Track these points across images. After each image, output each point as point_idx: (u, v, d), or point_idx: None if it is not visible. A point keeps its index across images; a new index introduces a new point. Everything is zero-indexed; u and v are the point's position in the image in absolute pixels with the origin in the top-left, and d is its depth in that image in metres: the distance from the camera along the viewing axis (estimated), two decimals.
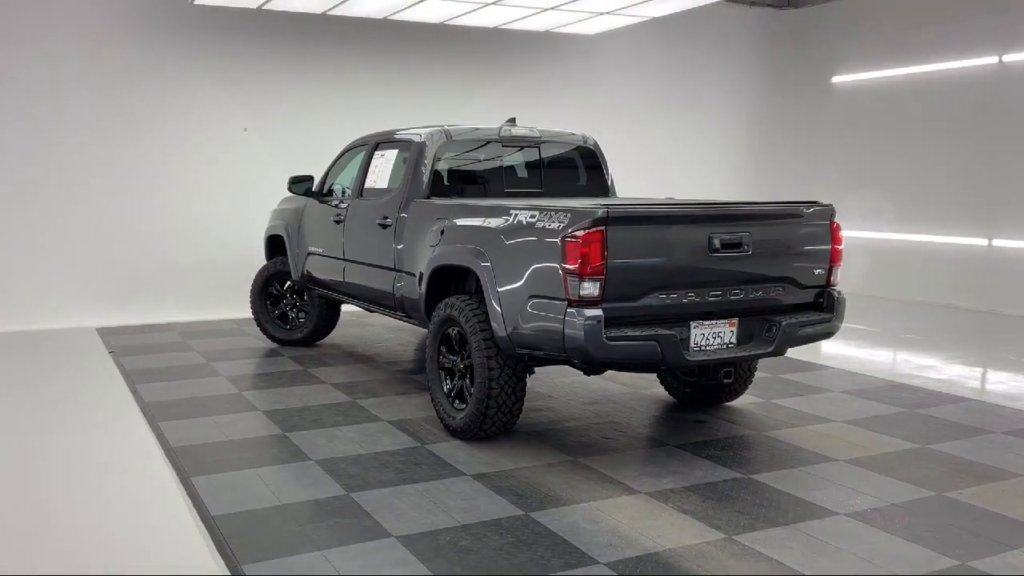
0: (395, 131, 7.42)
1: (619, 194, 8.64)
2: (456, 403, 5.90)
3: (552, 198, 6.93)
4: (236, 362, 8.22)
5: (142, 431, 6.08)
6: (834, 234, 5.73)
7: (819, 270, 5.69)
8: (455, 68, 11.77)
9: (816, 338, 5.74)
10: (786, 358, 7.99)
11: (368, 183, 7.42)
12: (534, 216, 5.24)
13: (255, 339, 9.22)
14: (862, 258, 12.97)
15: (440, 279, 6.15)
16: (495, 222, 5.55)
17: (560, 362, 5.47)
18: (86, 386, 7.50)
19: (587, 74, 12.73)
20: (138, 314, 10.34)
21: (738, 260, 5.30)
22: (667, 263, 5.15)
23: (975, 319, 11.16)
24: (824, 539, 4.28)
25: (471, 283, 5.94)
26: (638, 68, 13.16)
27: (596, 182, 7.50)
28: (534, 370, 5.91)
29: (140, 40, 10.22)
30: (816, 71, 13.80)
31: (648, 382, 7.26)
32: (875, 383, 7.56)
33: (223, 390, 7.18)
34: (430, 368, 6.13)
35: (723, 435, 5.98)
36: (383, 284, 6.93)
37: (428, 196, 6.65)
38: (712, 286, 5.27)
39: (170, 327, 10.04)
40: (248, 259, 9.84)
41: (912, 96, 12.40)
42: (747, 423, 6.28)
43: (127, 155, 10.27)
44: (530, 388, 7.17)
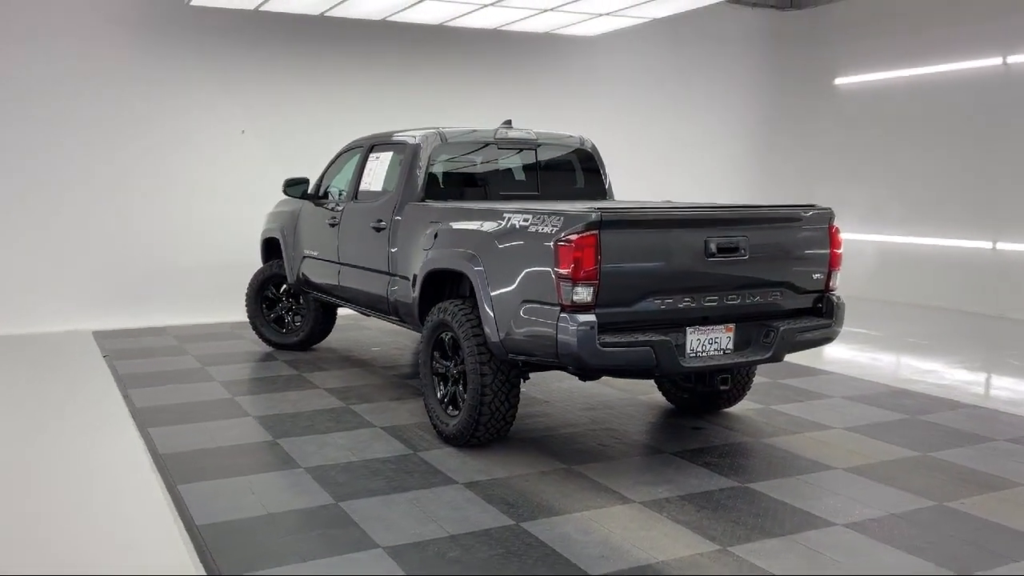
0: (390, 133, 7.34)
1: (618, 197, 8.55)
2: (449, 409, 5.81)
3: (548, 201, 6.84)
4: (231, 366, 8.14)
5: (131, 437, 6.00)
6: (833, 238, 5.62)
7: (818, 274, 5.59)
8: (455, 70, 11.69)
9: (815, 344, 5.64)
10: (786, 363, 7.89)
11: (363, 186, 7.34)
12: (527, 220, 5.15)
13: (251, 343, 9.14)
14: (866, 261, 12.87)
15: (434, 283, 6.06)
16: (488, 225, 5.47)
17: (554, 368, 5.38)
18: (77, 390, 7.43)
19: (588, 76, 12.64)
20: (135, 317, 10.26)
21: (735, 264, 5.20)
22: (662, 268, 5.05)
23: (979, 323, 11.04)
24: (821, 551, 4.18)
25: (465, 287, 5.85)
26: (639, 70, 13.07)
27: (593, 185, 7.41)
28: (529, 376, 5.82)
29: (136, 42, 10.16)
30: (819, 73, 13.69)
31: (646, 387, 7.16)
32: (877, 389, 7.45)
33: (216, 395, 7.10)
34: (423, 373, 6.04)
35: (720, 442, 5.88)
36: (377, 288, 6.84)
37: (422, 199, 6.57)
38: (708, 291, 5.17)
39: (166, 330, 9.97)
40: (246, 262, 9.74)
41: (915, 98, 12.28)
42: (745, 430, 6.18)
43: (124, 157, 10.21)
44: (526, 393, 7.08)
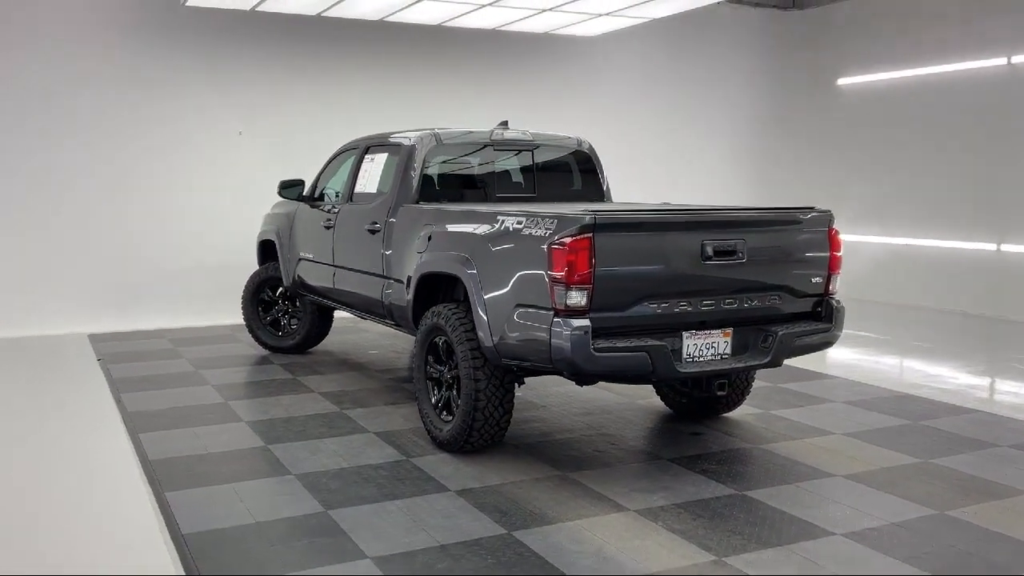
0: (385, 134, 7.26)
1: (617, 199, 8.46)
2: (443, 415, 5.73)
3: (545, 203, 6.76)
4: (225, 370, 8.07)
5: (121, 442, 5.91)
6: (833, 241, 5.52)
7: (817, 278, 5.49)
8: (453, 71, 11.60)
9: (814, 348, 5.54)
10: (787, 367, 7.80)
11: (358, 188, 7.26)
12: (520, 222, 5.06)
13: (247, 346, 9.07)
14: (869, 263, 12.76)
15: (428, 286, 5.98)
16: (482, 228, 5.38)
17: (548, 373, 5.29)
18: (70, 394, 7.35)
19: (588, 77, 12.54)
20: (131, 320, 10.19)
21: (732, 268, 5.11)
22: (658, 271, 4.96)
23: (984, 325, 10.93)
24: (819, 561, 4.09)
25: (460, 291, 5.76)
26: (640, 71, 12.97)
27: (591, 186, 7.32)
28: (524, 381, 5.73)
29: (133, 43, 10.09)
30: (822, 73, 13.58)
31: (644, 392, 7.07)
32: (879, 393, 7.35)
33: (209, 399, 7.02)
34: (417, 378, 5.96)
35: (718, 448, 5.79)
36: (372, 291, 6.76)
37: (417, 201, 6.49)
38: (705, 295, 5.08)
39: (162, 333, 9.90)
40: (243, 264, 9.64)
41: (919, 98, 12.17)
42: (744, 435, 6.09)
43: (121, 158, 10.14)
44: (522, 398, 7.00)
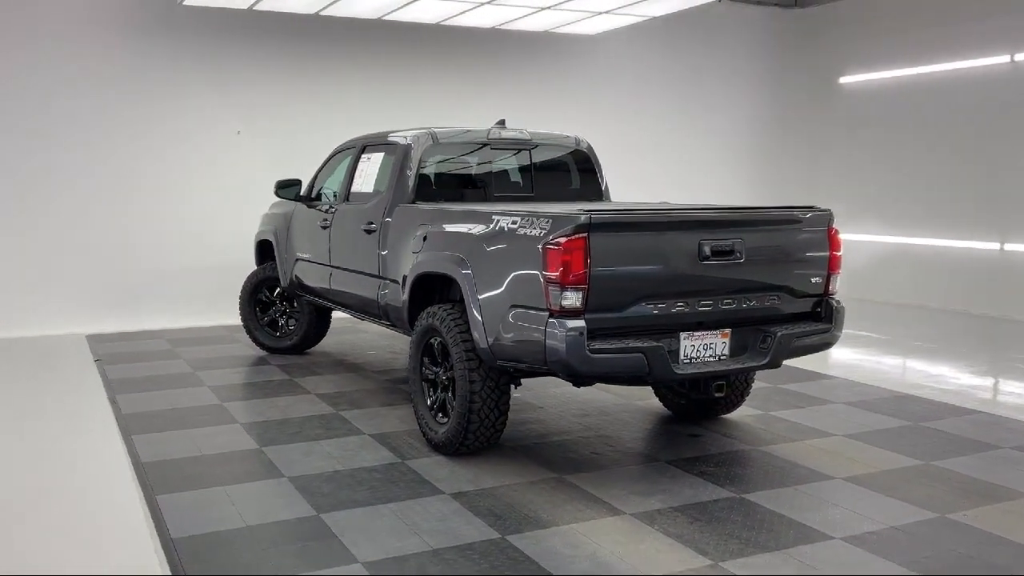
0: (381, 134, 7.21)
1: (617, 198, 8.40)
2: (439, 416, 5.67)
3: (543, 202, 6.70)
4: (222, 371, 8.02)
5: (114, 444, 5.86)
6: (832, 240, 5.45)
7: (816, 278, 5.42)
8: (452, 69, 11.54)
9: (813, 349, 5.48)
10: (788, 368, 7.73)
11: (354, 187, 7.20)
12: (515, 222, 5.00)
13: (245, 347, 9.02)
14: (871, 262, 12.69)
15: (423, 287, 5.92)
16: (477, 228, 5.32)
17: (544, 374, 5.24)
18: (65, 396, 7.30)
19: (588, 76, 12.47)
20: (130, 321, 10.15)
21: (730, 268, 5.05)
22: (654, 271, 4.90)
23: (987, 325, 10.85)
24: (817, 566, 4.02)
25: (456, 292, 5.70)
26: (641, 69, 12.89)
27: (589, 186, 7.26)
28: (520, 382, 5.67)
29: (130, 43, 10.05)
30: (823, 72, 13.50)
31: (643, 393, 7.00)
32: (880, 394, 7.28)
33: (204, 401, 6.97)
34: (412, 380, 5.90)
35: (717, 450, 5.72)
36: (368, 291, 6.71)
37: (413, 200, 6.43)
38: (703, 295, 5.02)
39: (160, 334, 9.85)
40: (242, 264, 9.57)
41: (922, 97, 12.09)
42: (743, 437, 6.02)
43: (120, 159, 10.11)
44: (520, 399, 6.95)
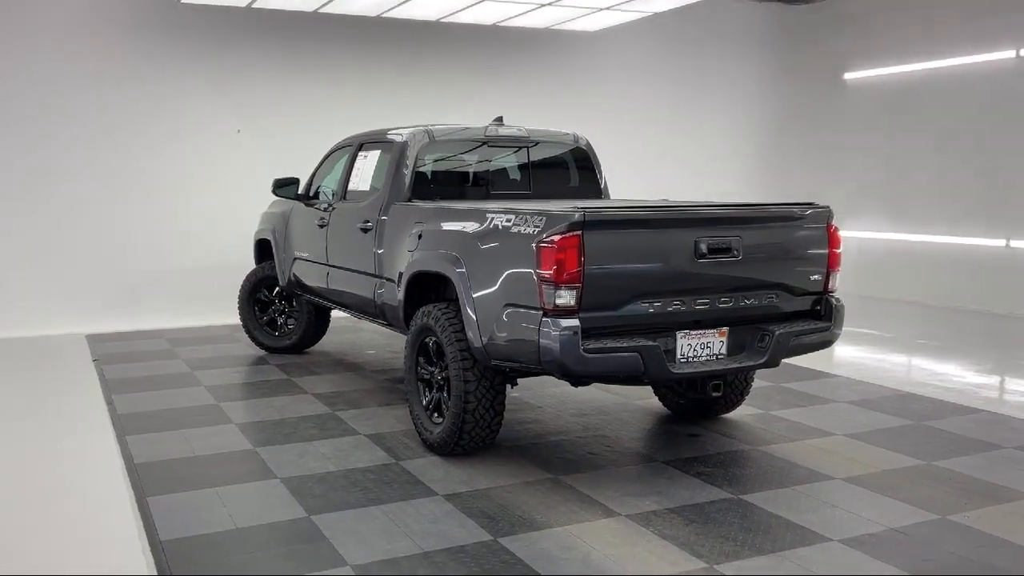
0: (378, 131, 7.15)
1: (619, 196, 8.35)
2: (434, 416, 5.61)
3: (541, 200, 6.63)
4: (220, 371, 7.97)
5: (108, 445, 5.82)
6: (832, 237, 5.37)
7: (816, 276, 5.34)
8: (453, 67, 11.48)
9: (813, 348, 5.39)
10: (789, 366, 7.68)
11: (351, 185, 7.15)
12: (509, 220, 4.94)
13: (245, 346, 8.97)
14: (875, 260, 12.59)
15: (419, 286, 5.86)
16: (471, 226, 5.26)
17: (539, 374, 5.17)
18: (61, 396, 7.27)
19: (590, 73, 12.38)
20: (130, 320, 10.12)
21: (727, 266, 4.97)
22: (650, 269, 4.83)
23: (993, 323, 10.74)
24: (813, 569, 3.95)
25: (451, 291, 5.64)
26: (643, 66, 12.80)
27: (588, 183, 7.19)
28: (517, 382, 5.61)
29: (128, 41, 10.01)
30: (827, 67, 13.39)
31: (642, 392, 6.93)
32: (882, 393, 7.19)
33: (201, 401, 6.92)
34: (408, 379, 5.85)
35: (715, 450, 5.65)
36: (364, 290, 6.65)
37: (409, 199, 6.37)
38: (699, 294, 4.94)
39: (160, 334, 9.81)
40: (243, 263, 9.52)
41: (927, 92, 11.97)
42: (743, 437, 5.95)
43: (119, 158, 10.07)
44: (519, 399, 6.89)
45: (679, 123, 13.10)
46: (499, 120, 7.01)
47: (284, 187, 7.84)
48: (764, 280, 5.15)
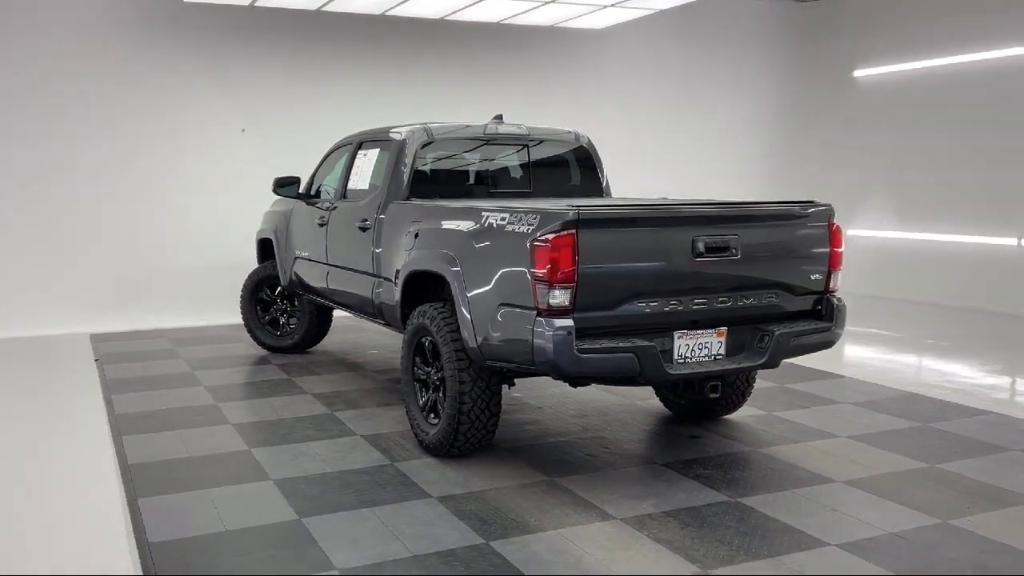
0: (377, 130, 7.10)
1: (621, 194, 8.26)
2: (430, 417, 5.55)
3: (541, 198, 6.57)
4: (221, 371, 7.94)
5: (103, 445, 5.79)
6: (833, 236, 5.27)
7: (817, 275, 5.25)
8: (457, 65, 11.41)
9: (813, 348, 5.30)
10: (795, 367, 7.60)
11: (351, 184, 7.11)
12: (504, 218, 4.87)
13: (247, 346, 8.94)
14: (885, 259, 12.46)
15: (416, 285, 5.80)
16: (466, 225, 5.20)
17: (534, 375, 5.11)
18: (60, 395, 7.25)
19: (596, 71, 12.30)
20: (134, 320, 10.11)
21: (725, 265, 4.89)
22: (646, 269, 4.75)
23: (1004, 323, 10.59)
24: (809, 574, 3.87)
25: (448, 290, 5.58)
26: (650, 64, 12.69)
27: (589, 182, 7.11)
28: (514, 382, 5.56)
29: (132, 40, 10.00)
30: (837, 65, 13.25)
31: (643, 393, 6.86)
32: (889, 394, 7.09)
33: (199, 401, 6.89)
34: (404, 380, 5.79)
35: (715, 452, 5.57)
36: (363, 290, 6.60)
37: (407, 197, 6.31)
38: (697, 293, 4.86)
39: (164, 333, 9.80)
40: (247, 262, 9.47)
41: (938, 90, 11.83)
42: (744, 438, 5.86)
43: (123, 156, 10.06)
44: (519, 399, 6.83)
45: (686, 121, 12.99)
46: (499, 118, 6.94)
47: (285, 186, 7.80)
48: (763, 279, 5.07)
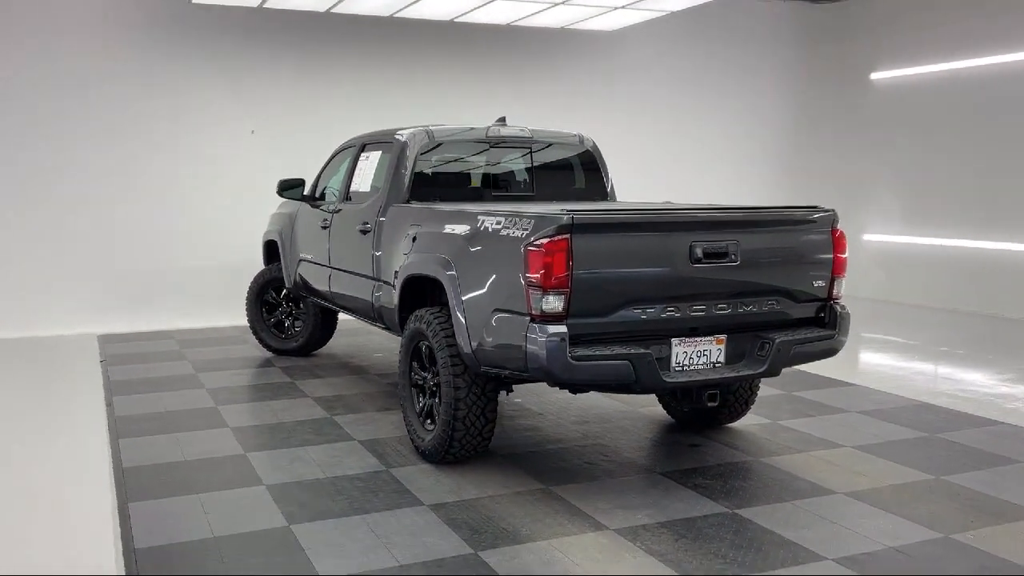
0: (380, 132, 7.06)
1: (631, 198, 8.18)
2: (426, 423, 5.49)
3: (543, 202, 6.50)
4: (224, 373, 7.91)
5: (100, 447, 5.77)
6: (837, 243, 5.17)
7: (819, 282, 5.14)
8: (467, 67, 11.36)
9: (816, 357, 5.20)
10: (803, 374, 7.50)
11: (353, 186, 7.06)
12: (499, 223, 4.81)
13: (253, 348, 8.92)
14: (903, 265, 12.30)
15: (414, 289, 5.74)
16: (461, 228, 5.14)
17: (529, 381, 5.03)
18: (62, 397, 7.25)
19: (607, 74, 12.20)
20: (143, 321, 10.12)
21: (724, 271, 4.80)
22: (642, 274, 4.67)
23: (1022, 331, 10.40)
24: None
25: (446, 295, 5.52)
26: (661, 67, 12.58)
27: (594, 185, 7.03)
28: (512, 388, 5.48)
29: (140, 40, 10.01)
30: (853, 67, 13.08)
31: (646, 400, 6.75)
32: (898, 402, 6.96)
33: (200, 404, 6.86)
34: (402, 385, 5.73)
35: (716, 461, 5.47)
36: (364, 293, 6.55)
37: (408, 200, 6.26)
38: (695, 300, 4.77)
39: (171, 334, 9.80)
40: (255, 264, 9.45)
41: (957, 93, 11.63)
42: (746, 448, 5.76)
43: (132, 158, 10.07)
44: (520, 405, 6.76)
45: (699, 125, 12.86)
46: (502, 120, 6.88)
47: (289, 189, 7.75)
48: (764, 286, 4.97)
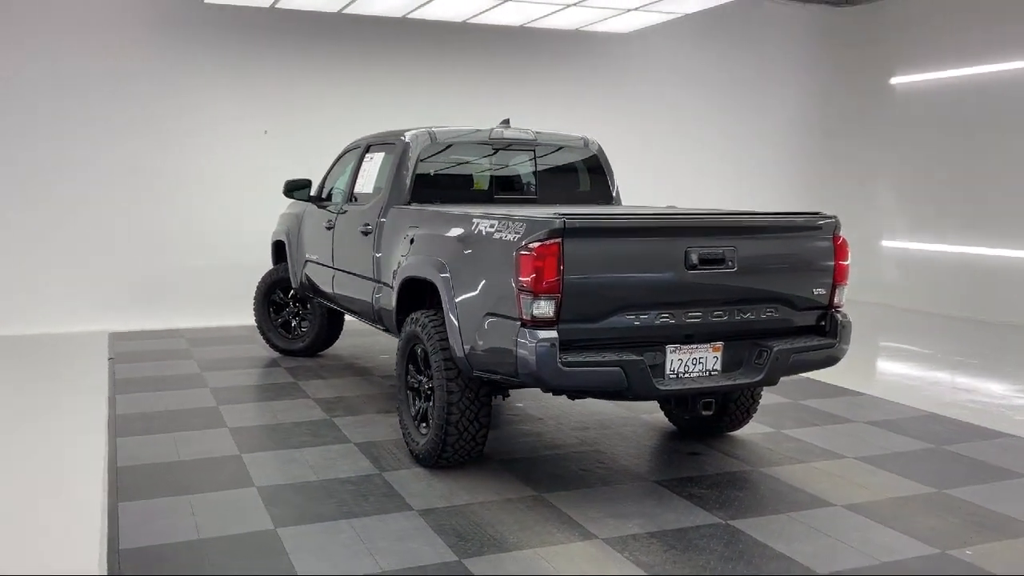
0: (385, 133, 7.03)
1: (640, 202, 8.13)
2: (421, 427, 5.45)
3: (547, 205, 6.45)
4: (229, 372, 7.92)
5: (97, 446, 5.77)
6: (839, 249, 5.07)
7: (820, 289, 5.05)
8: (479, 69, 11.31)
9: (815, 366, 5.10)
10: (811, 382, 7.40)
11: (357, 187, 7.04)
12: (492, 226, 4.75)
13: (260, 348, 8.92)
14: (923, 272, 12.12)
15: (411, 292, 5.70)
16: (457, 231, 5.09)
17: (520, 386, 4.98)
18: (66, 394, 7.27)
19: (621, 76, 12.10)
20: (154, 319, 10.15)
21: (721, 277, 4.72)
22: (635, 280, 4.60)
23: None
24: None
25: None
26: (677, 70, 12.47)
27: (598, 188, 6.96)
28: (508, 393, 5.44)
29: (152, 40, 10.06)
30: (874, 72, 12.91)
31: (649, 406, 6.68)
32: (907, 413, 6.83)
33: (201, 403, 6.86)
34: (398, 388, 5.69)
35: (714, 471, 5.38)
36: (364, 294, 6.52)
37: (409, 202, 6.22)
38: (691, 306, 4.69)
39: (181, 333, 9.83)
40: (267, 263, 9.47)
41: (978, 98, 11.45)
42: (746, 457, 5.67)
43: (147, 157, 10.12)
44: (521, 409, 6.71)
45: (715, 130, 12.73)
46: (506, 122, 6.83)
47: (296, 189, 7.74)
48: (762, 293, 4.88)
